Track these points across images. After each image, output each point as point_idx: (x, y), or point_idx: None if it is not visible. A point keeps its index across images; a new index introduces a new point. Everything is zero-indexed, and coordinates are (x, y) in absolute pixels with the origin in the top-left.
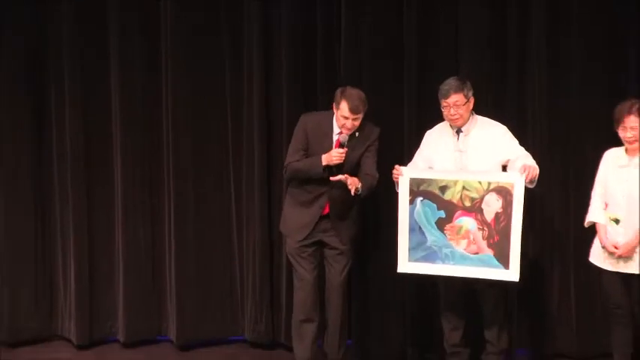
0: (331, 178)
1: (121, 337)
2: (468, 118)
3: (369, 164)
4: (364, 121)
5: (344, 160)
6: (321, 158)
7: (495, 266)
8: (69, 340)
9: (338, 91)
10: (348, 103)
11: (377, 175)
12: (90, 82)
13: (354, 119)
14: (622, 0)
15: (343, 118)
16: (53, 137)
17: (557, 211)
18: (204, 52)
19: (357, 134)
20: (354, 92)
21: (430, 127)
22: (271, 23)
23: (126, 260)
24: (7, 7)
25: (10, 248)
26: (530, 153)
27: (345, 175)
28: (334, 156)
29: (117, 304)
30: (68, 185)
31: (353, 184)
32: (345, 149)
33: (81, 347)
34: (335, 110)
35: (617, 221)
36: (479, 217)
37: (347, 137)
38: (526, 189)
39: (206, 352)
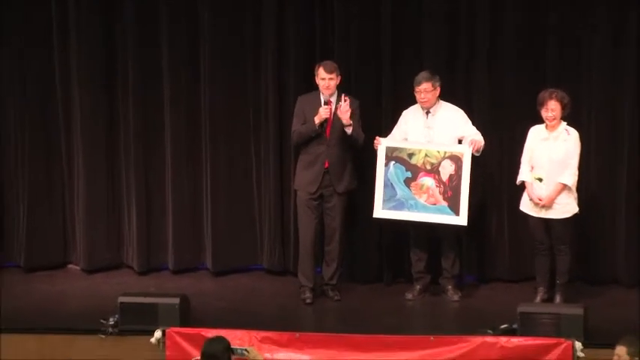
0: (337, 106)
1: (170, 266)
2: (435, 103)
3: (356, 123)
4: (346, 95)
5: (334, 122)
6: (314, 119)
7: (448, 214)
8: (132, 268)
9: (315, 66)
10: (322, 67)
11: (363, 135)
12: (147, 69)
13: (329, 79)
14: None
15: (322, 80)
16: (119, 112)
17: (495, 171)
18: (232, 49)
19: (341, 102)
20: (327, 61)
21: (400, 107)
22: (282, 27)
23: (174, 206)
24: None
25: (88, 197)
26: (487, 129)
27: (346, 107)
28: (322, 112)
29: (167, 240)
30: (131, 148)
31: (347, 110)
32: (329, 106)
33: (141, 273)
34: (317, 81)
35: (540, 180)
36: (437, 177)
37: (328, 96)
38: (473, 157)
39: (234, 277)
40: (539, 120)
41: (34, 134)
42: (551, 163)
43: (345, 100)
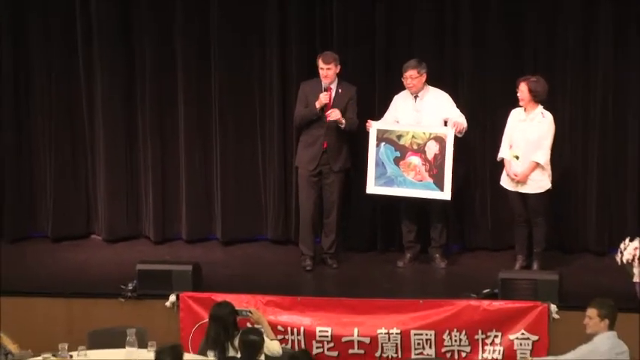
0: (326, 114)
1: (184, 236)
2: (422, 87)
3: (351, 112)
4: (344, 82)
5: (332, 107)
6: (315, 104)
7: (434, 189)
8: (149, 238)
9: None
10: (322, 58)
11: (357, 120)
12: (162, 61)
13: (327, 69)
14: None
15: (321, 70)
16: (137, 97)
17: (478, 150)
18: (240, 37)
19: (340, 91)
20: (326, 52)
21: (392, 92)
22: (285, 16)
23: (187, 182)
24: None
25: (109, 173)
26: (460, 110)
27: (336, 113)
28: (322, 97)
29: (181, 212)
30: (147, 129)
31: (338, 116)
32: (328, 92)
33: (157, 243)
34: (318, 70)
35: (517, 157)
36: (423, 156)
37: (327, 84)
38: (457, 137)
39: (242, 247)
40: (517, 104)
41: (60, 117)
42: (527, 142)
43: (331, 112)
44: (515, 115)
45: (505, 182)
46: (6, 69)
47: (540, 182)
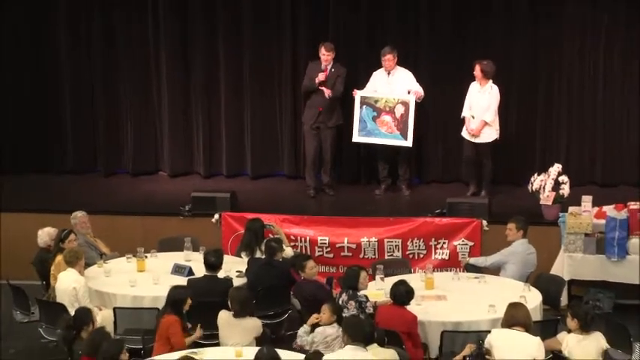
0: (321, 88)
1: (224, 172)
2: (394, 67)
3: (338, 85)
4: (337, 64)
5: (327, 82)
6: (315, 80)
7: (400, 139)
8: (199, 173)
9: (319, 45)
10: (323, 46)
11: (341, 90)
12: (209, 41)
13: (328, 55)
14: None
15: (322, 55)
16: (191, 69)
17: (445, 110)
18: (263, 27)
19: (333, 70)
20: (326, 42)
21: (370, 69)
22: (296, 19)
23: (227, 134)
24: None
25: (171, 126)
26: (419, 84)
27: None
28: (320, 76)
29: (222, 155)
30: (199, 93)
31: (329, 92)
32: (325, 72)
33: (205, 177)
34: (320, 54)
35: (473, 117)
36: (393, 115)
37: (326, 66)
38: (417, 102)
39: (265, 180)
40: (472, 78)
41: (135, 86)
42: (480, 107)
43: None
44: (474, 87)
45: (465, 134)
46: (97, 39)
47: (490, 134)
